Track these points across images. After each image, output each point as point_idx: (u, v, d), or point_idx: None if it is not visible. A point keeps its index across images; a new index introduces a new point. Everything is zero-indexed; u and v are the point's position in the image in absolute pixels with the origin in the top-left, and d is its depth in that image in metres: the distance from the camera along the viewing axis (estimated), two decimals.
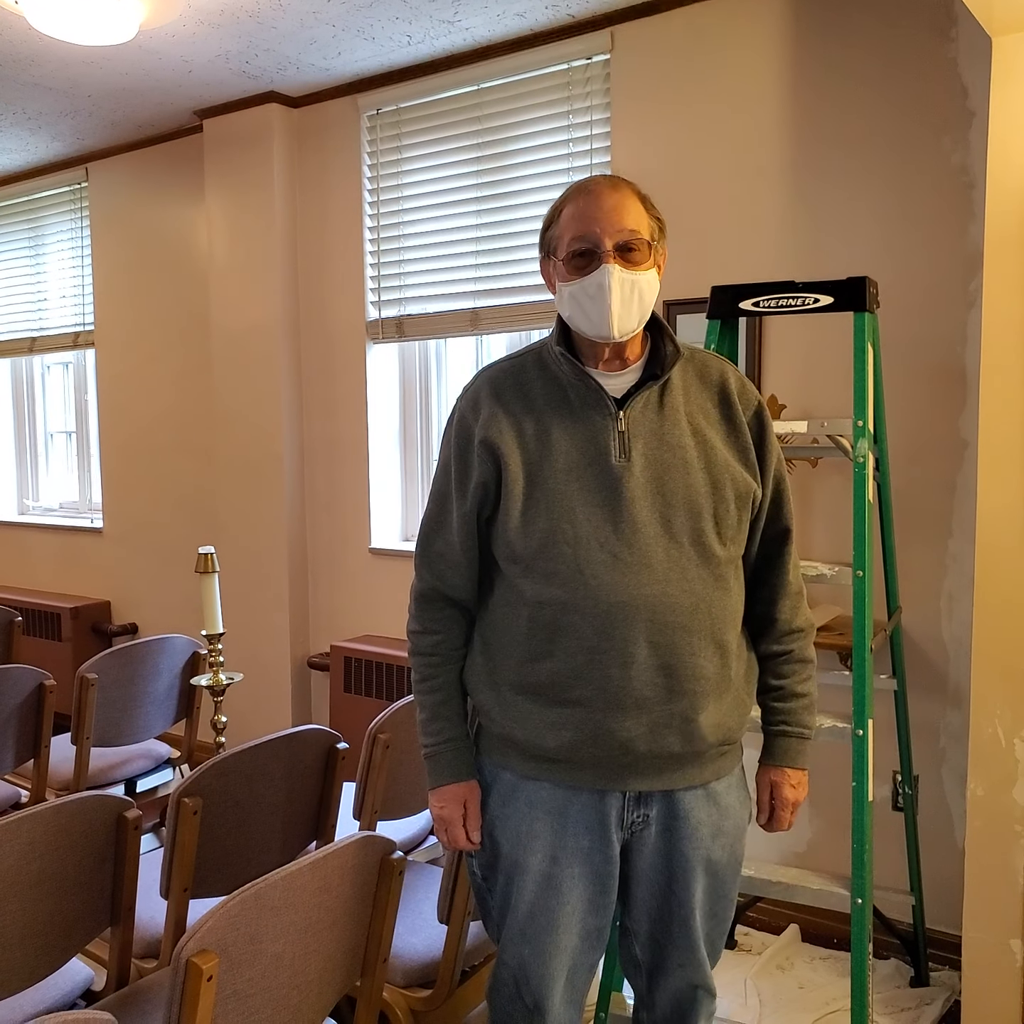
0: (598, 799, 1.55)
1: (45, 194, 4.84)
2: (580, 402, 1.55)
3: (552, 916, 1.58)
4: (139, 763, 3.22)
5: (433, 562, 1.63)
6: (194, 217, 4.25)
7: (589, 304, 1.50)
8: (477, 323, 3.54)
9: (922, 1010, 2.53)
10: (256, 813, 2.09)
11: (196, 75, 3.58)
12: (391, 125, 3.66)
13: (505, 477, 1.53)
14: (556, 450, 1.52)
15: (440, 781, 1.62)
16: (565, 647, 1.49)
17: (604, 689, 1.48)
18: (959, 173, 2.62)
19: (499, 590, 1.58)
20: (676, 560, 1.49)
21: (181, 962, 1.33)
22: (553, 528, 1.49)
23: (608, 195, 1.50)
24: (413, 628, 1.66)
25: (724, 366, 1.62)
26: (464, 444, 1.58)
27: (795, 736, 1.66)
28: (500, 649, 1.57)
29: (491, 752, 1.63)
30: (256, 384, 3.99)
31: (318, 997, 1.60)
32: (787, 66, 2.85)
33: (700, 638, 1.50)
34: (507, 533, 1.53)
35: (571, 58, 3.22)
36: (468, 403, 1.60)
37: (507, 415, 1.55)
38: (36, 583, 5.09)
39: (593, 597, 1.47)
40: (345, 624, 3.94)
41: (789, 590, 1.64)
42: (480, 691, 1.61)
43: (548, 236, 1.58)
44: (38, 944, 1.71)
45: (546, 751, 1.53)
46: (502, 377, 1.60)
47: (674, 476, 1.51)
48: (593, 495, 1.50)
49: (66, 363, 5.12)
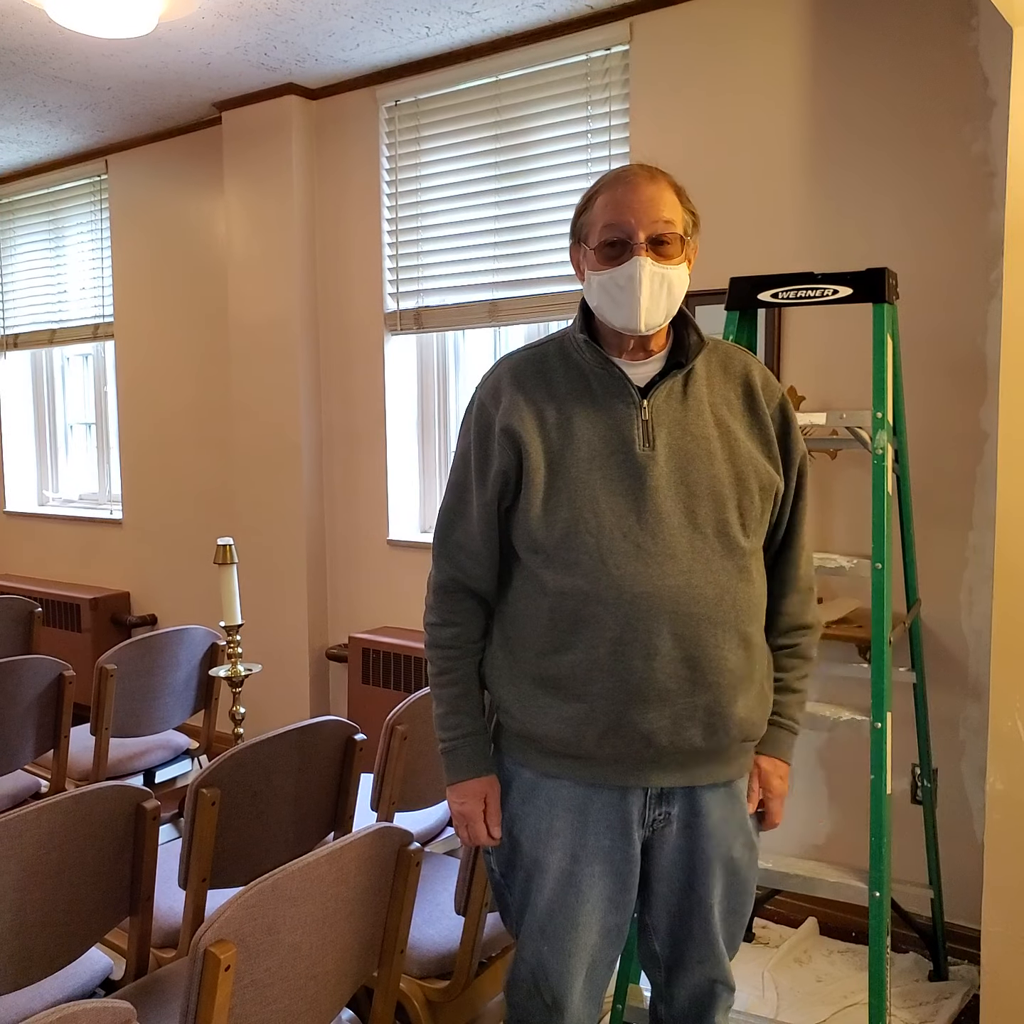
0: (620, 797, 1.53)
1: (65, 186, 4.86)
2: (603, 390, 1.52)
3: (572, 914, 1.57)
4: (158, 754, 3.24)
5: (452, 553, 1.60)
6: (213, 209, 4.25)
7: (619, 295, 1.47)
8: (495, 314, 3.53)
9: (941, 1004, 2.51)
10: (274, 804, 2.09)
11: (215, 67, 3.59)
12: (409, 117, 3.65)
13: (526, 466, 1.50)
14: (578, 439, 1.50)
15: (459, 776, 1.60)
16: (587, 638, 1.47)
17: (627, 681, 1.47)
18: (980, 162, 2.59)
19: (519, 581, 1.56)
20: (700, 551, 1.47)
21: (199, 952, 1.34)
22: (576, 518, 1.47)
23: (645, 186, 1.48)
24: (431, 620, 1.63)
25: (748, 358, 1.60)
26: (484, 433, 1.55)
27: (786, 728, 1.65)
28: (520, 642, 1.55)
29: (510, 750, 1.61)
30: (274, 376, 4.00)
31: (335, 987, 1.61)
32: (807, 56, 2.82)
33: (724, 630, 1.48)
34: (528, 523, 1.50)
35: (590, 49, 3.21)
36: (488, 391, 1.58)
37: (528, 403, 1.53)
38: (56, 574, 5.13)
39: (616, 588, 1.45)
40: (363, 615, 3.95)
41: (799, 585, 1.63)
42: (500, 686, 1.59)
43: (580, 222, 1.54)
44: (58, 933, 1.73)
45: (566, 747, 1.52)
46: (523, 366, 1.58)
47: (698, 466, 1.49)
48: (616, 484, 1.48)
49: (86, 355, 5.14)
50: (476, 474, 1.56)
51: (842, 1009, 2.50)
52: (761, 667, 1.56)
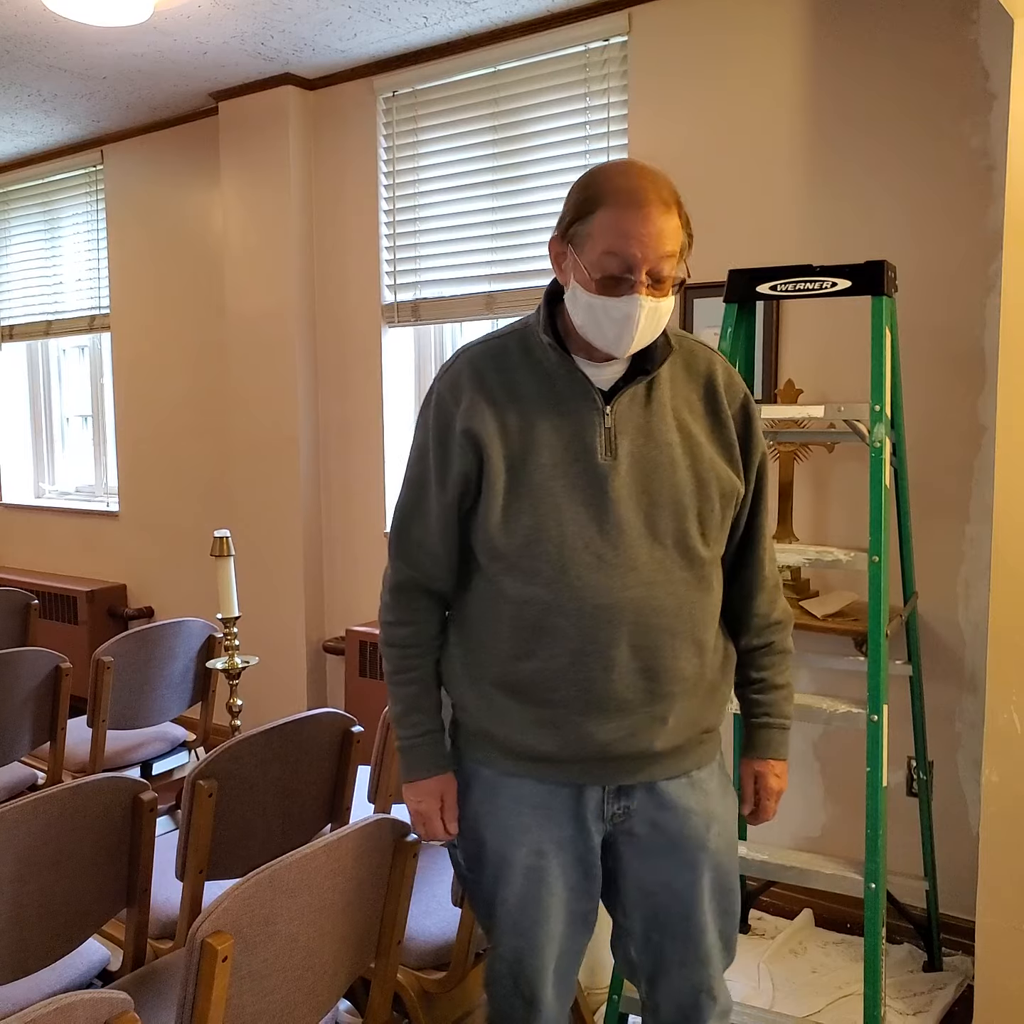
0: (577, 792, 1.54)
1: (60, 177, 4.84)
2: (566, 393, 1.49)
3: (542, 906, 1.56)
4: (155, 746, 3.24)
5: (410, 551, 1.56)
6: (209, 200, 4.24)
7: (608, 325, 1.42)
8: (492, 307, 3.53)
9: (935, 995, 2.53)
10: (270, 796, 2.10)
11: (211, 57, 3.57)
12: (407, 107, 3.64)
13: (487, 470, 1.47)
14: (540, 444, 1.46)
15: (417, 775, 1.59)
16: (548, 648, 1.46)
17: (587, 691, 1.46)
18: (979, 156, 2.58)
19: (478, 584, 1.53)
20: (660, 562, 1.46)
21: (196, 943, 1.34)
22: (538, 526, 1.44)
23: (656, 216, 1.37)
24: (387, 619, 1.60)
25: (712, 356, 1.56)
26: (444, 431, 1.51)
27: (777, 727, 1.64)
28: (479, 644, 1.53)
29: (469, 748, 1.60)
30: (271, 368, 3.99)
31: (332, 978, 1.61)
32: (806, 48, 2.81)
33: (682, 640, 1.48)
34: (488, 528, 1.47)
35: (588, 40, 3.19)
36: (447, 386, 1.53)
37: (489, 404, 1.48)
38: (52, 567, 5.13)
39: (578, 598, 1.44)
40: (360, 608, 3.95)
41: (766, 584, 1.61)
42: (458, 686, 1.58)
43: (575, 228, 1.42)
44: (55, 924, 1.73)
45: (527, 749, 1.52)
46: (484, 360, 1.52)
47: (660, 475, 1.47)
48: (578, 493, 1.45)
49: (82, 347, 5.13)
50: (436, 473, 1.52)
51: (837, 1000, 2.51)
52: (713, 666, 1.55)
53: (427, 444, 1.54)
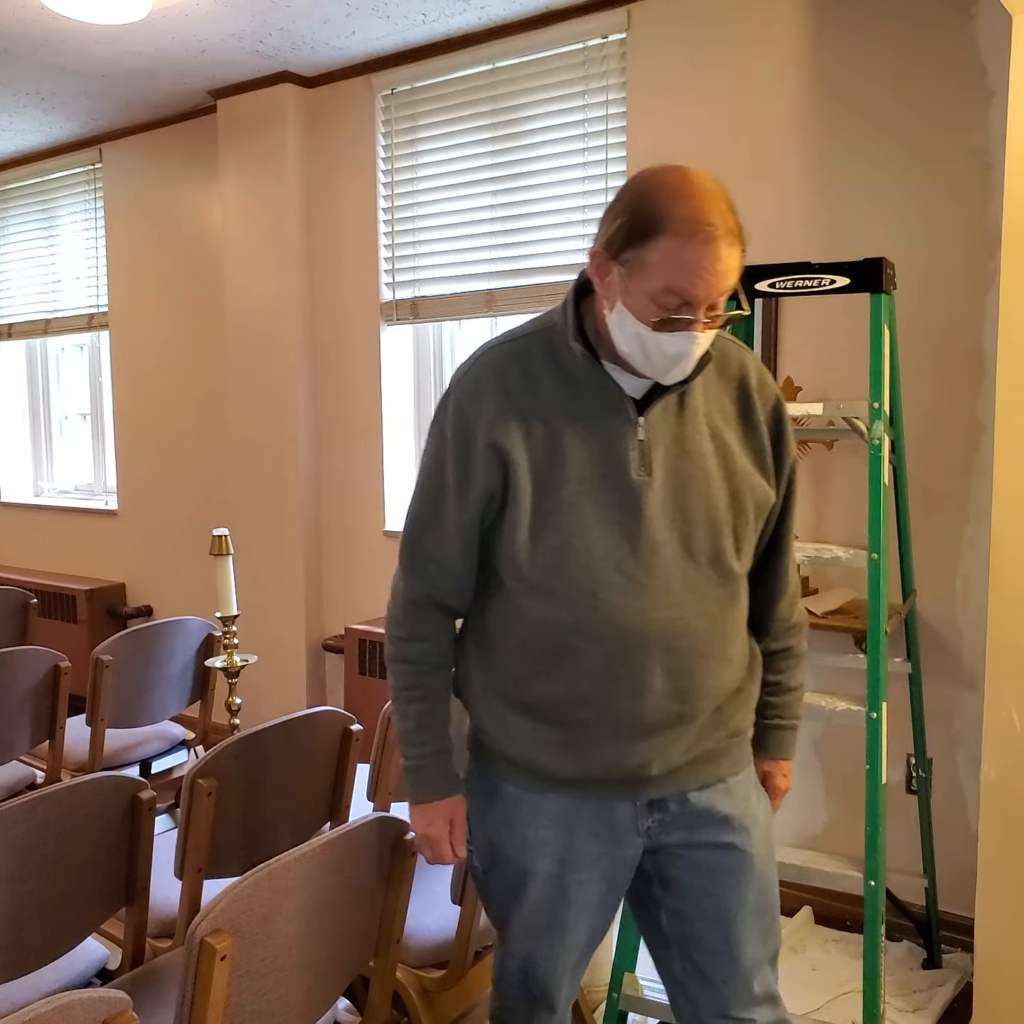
0: (607, 808, 1.46)
1: (59, 175, 4.84)
2: (595, 402, 1.39)
3: (560, 917, 1.52)
4: (154, 744, 3.24)
5: (424, 567, 1.47)
6: (208, 198, 4.23)
7: (659, 359, 1.32)
8: (492, 304, 3.52)
9: (934, 992, 2.53)
10: (270, 794, 2.09)
11: (209, 55, 3.57)
12: (406, 105, 3.64)
13: (513, 486, 1.37)
14: (568, 458, 1.37)
15: (426, 796, 1.52)
16: (567, 671, 1.39)
17: (612, 716, 1.39)
18: (978, 153, 2.58)
19: (496, 599, 1.45)
20: (693, 581, 1.39)
21: (195, 941, 1.33)
22: (565, 546, 1.36)
23: (724, 252, 1.26)
24: (397, 634, 1.52)
25: (744, 356, 1.48)
26: (464, 442, 1.40)
27: (788, 728, 1.62)
28: (494, 661, 1.47)
29: (490, 764, 1.53)
30: (270, 366, 3.98)
31: (331, 977, 1.61)
32: (805, 46, 2.81)
33: (713, 659, 1.42)
34: (512, 548, 1.38)
35: (587, 37, 3.19)
36: (467, 391, 1.42)
37: (514, 413, 1.38)
38: (51, 565, 5.12)
39: (606, 622, 1.36)
40: (360, 606, 3.94)
41: (788, 590, 1.57)
42: (475, 704, 1.51)
43: (630, 253, 1.28)
44: (53, 923, 1.73)
45: (544, 770, 1.45)
46: (507, 364, 1.42)
47: (695, 489, 1.38)
48: (609, 511, 1.36)
49: (81, 345, 5.13)
50: (456, 488, 1.42)
51: (836, 997, 2.51)
52: (740, 672, 1.50)
53: (445, 454, 1.43)
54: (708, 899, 1.50)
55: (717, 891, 1.49)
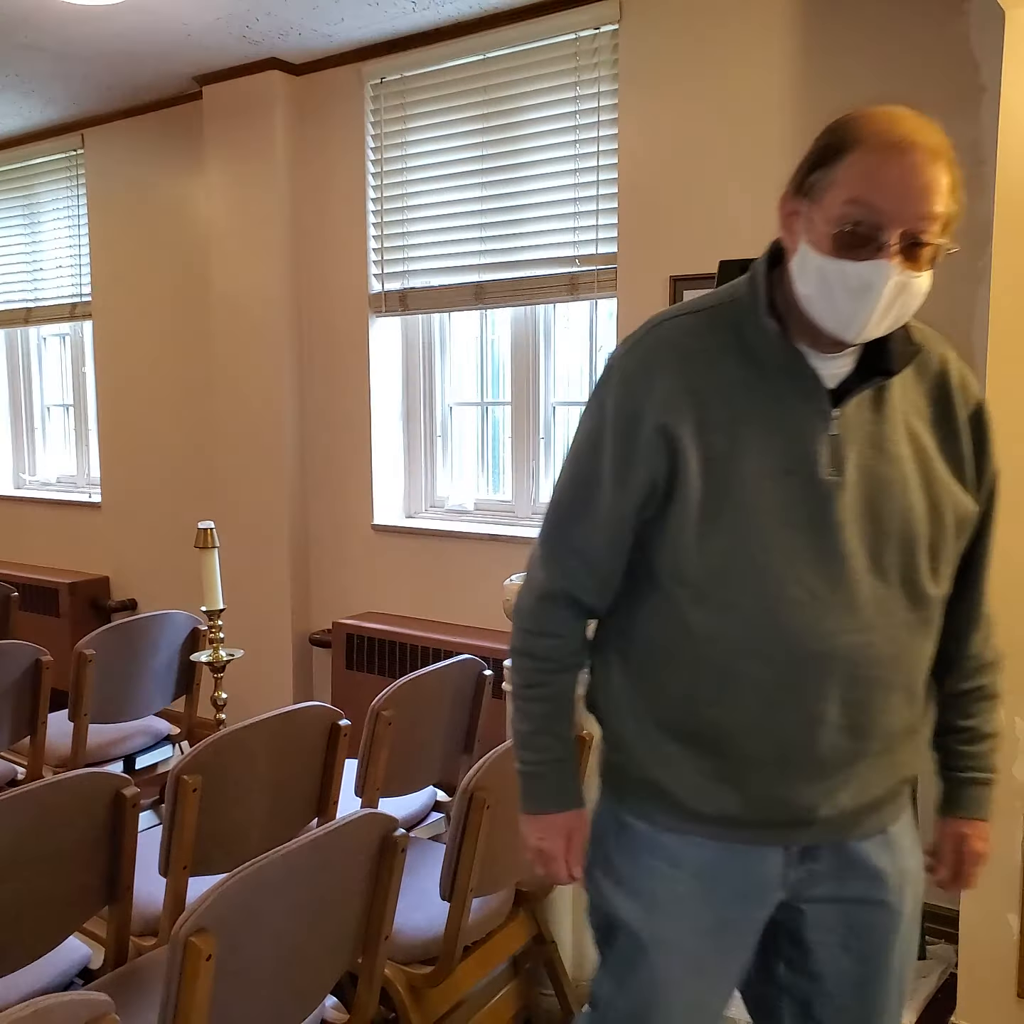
0: (758, 857, 1.29)
1: (40, 160, 4.77)
2: (783, 389, 1.21)
3: (684, 992, 1.34)
4: (138, 740, 3.20)
5: (566, 559, 1.31)
6: (193, 186, 4.18)
7: (842, 298, 1.14)
8: (482, 297, 3.50)
9: (918, 983, 2.53)
10: (256, 790, 2.07)
11: (195, 39, 3.51)
12: (395, 95, 3.60)
13: (681, 477, 1.20)
14: (748, 448, 1.20)
15: (543, 808, 1.37)
16: (736, 696, 1.23)
17: (781, 750, 1.23)
18: (969, 149, 2.56)
19: (654, 607, 1.28)
20: (883, 601, 1.22)
21: (179, 942, 1.31)
22: (739, 551, 1.19)
23: (924, 165, 1.10)
24: (526, 626, 1.36)
25: (944, 352, 1.29)
26: (629, 420, 1.22)
27: (984, 783, 1.40)
28: (647, 678, 1.30)
29: (623, 793, 1.35)
30: (257, 358, 3.94)
31: (319, 975, 1.59)
32: (797, 38, 2.79)
33: (895, 693, 1.26)
34: (676, 548, 1.22)
35: (579, 28, 3.16)
36: (638, 364, 1.24)
37: (691, 393, 1.21)
38: (33, 558, 5.07)
39: (784, 643, 1.20)
40: (347, 601, 3.92)
41: (983, 622, 1.39)
42: (617, 720, 1.33)
43: (814, 177, 1.16)
44: (35, 923, 1.70)
45: (699, 806, 1.28)
46: (686, 338, 1.24)
47: (890, 496, 1.21)
48: (792, 513, 1.19)
49: (63, 335, 5.07)
50: (612, 473, 1.25)
51: None
52: (919, 711, 1.33)
53: (603, 434, 1.25)
54: (847, 958, 1.34)
55: (860, 952, 1.34)
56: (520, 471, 3.60)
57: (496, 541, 3.51)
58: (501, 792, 1.86)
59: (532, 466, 3.58)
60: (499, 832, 1.90)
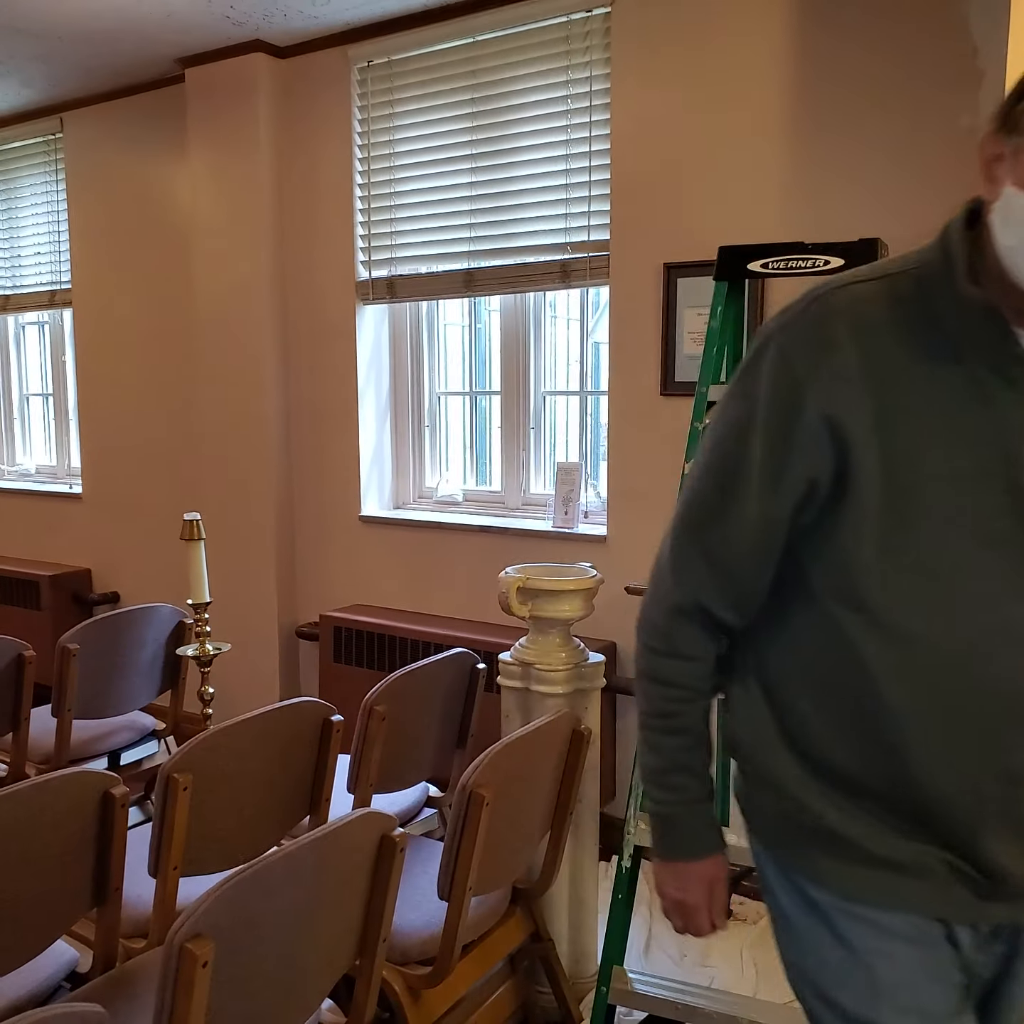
0: (945, 933, 1.12)
1: (17, 144, 4.66)
2: (985, 373, 1.00)
3: None
4: (123, 735, 3.14)
5: (699, 567, 1.14)
6: (176, 171, 4.10)
7: None
8: (471, 284, 3.44)
9: None
10: (248, 788, 2.02)
11: (176, 19, 3.43)
12: (383, 78, 3.53)
13: (853, 478, 1.01)
14: (938, 445, 1.00)
15: (680, 855, 1.23)
16: (920, 744, 1.05)
17: (970, 807, 1.06)
18: (967, 135, 2.54)
19: (812, 630, 1.10)
20: None
21: (174, 948, 1.27)
22: (926, 570, 1.01)
23: None
24: (653, 645, 1.20)
25: None
26: (788, 407, 1.03)
27: None
28: (799, 710, 1.12)
29: (786, 846, 1.16)
30: (241, 346, 3.88)
31: (317, 979, 1.55)
32: (792, 20, 2.75)
33: None
34: (849, 565, 1.03)
35: (570, 11, 3.11)
36: (802, 340, 1.04)
37: (868, 377, 1.00)
38: (13, 550, 4.98)
39: (981, 682, 1.02)
40: (334, 593, 3.87)
41: None
42: (768, 755, 1.15)
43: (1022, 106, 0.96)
44: (21, 927, 1.64)
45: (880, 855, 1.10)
46: (865, 309, 1.02)
47: None
48: (993, 523, 1.00)
49: (42, 323, 4.97)
50: (762, 468, 1.06)
51: None
52: None
53: (751, 422, 1.06)
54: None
55: None
56: (509, 462, 3.56)
57: (485, 532, 3.47)
58: (500, 789, 1.82)
59: (522, 456, 3.54)
60: (498, 830, 1.86)
